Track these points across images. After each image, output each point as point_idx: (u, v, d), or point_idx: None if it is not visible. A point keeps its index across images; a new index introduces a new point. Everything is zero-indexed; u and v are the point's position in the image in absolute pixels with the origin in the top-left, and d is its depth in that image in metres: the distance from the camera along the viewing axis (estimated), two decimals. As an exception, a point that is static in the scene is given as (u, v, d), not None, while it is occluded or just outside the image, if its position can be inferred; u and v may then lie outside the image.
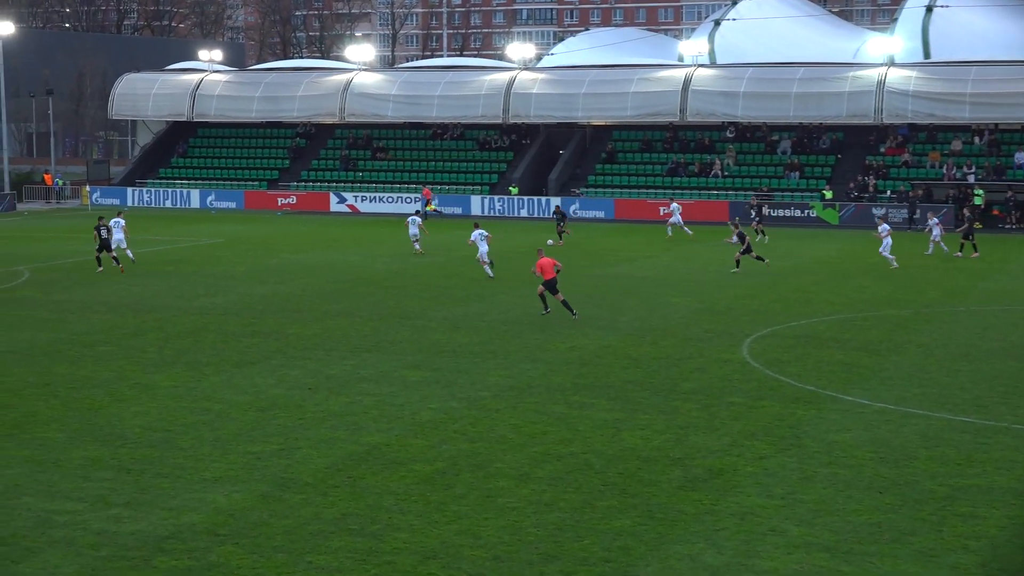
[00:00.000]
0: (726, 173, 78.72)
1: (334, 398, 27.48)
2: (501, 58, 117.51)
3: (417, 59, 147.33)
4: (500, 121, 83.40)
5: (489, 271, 47.13)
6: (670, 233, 64.05)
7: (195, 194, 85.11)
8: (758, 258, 49.34)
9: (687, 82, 78.91)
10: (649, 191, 78.33)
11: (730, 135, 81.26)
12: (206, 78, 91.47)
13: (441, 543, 18.27)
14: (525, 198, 78.72)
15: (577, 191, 79.56)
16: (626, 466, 22.11)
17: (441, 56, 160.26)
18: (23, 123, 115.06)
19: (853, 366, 30.99)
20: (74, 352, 32.73)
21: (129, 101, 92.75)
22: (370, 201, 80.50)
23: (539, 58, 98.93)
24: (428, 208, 76.44)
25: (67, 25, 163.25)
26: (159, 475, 21.58)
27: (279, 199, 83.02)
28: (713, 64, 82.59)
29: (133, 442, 23.73)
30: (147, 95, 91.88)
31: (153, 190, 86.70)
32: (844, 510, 19.67)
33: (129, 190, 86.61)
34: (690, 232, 63.64)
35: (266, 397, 27.56)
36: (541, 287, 38.13)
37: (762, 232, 61.33)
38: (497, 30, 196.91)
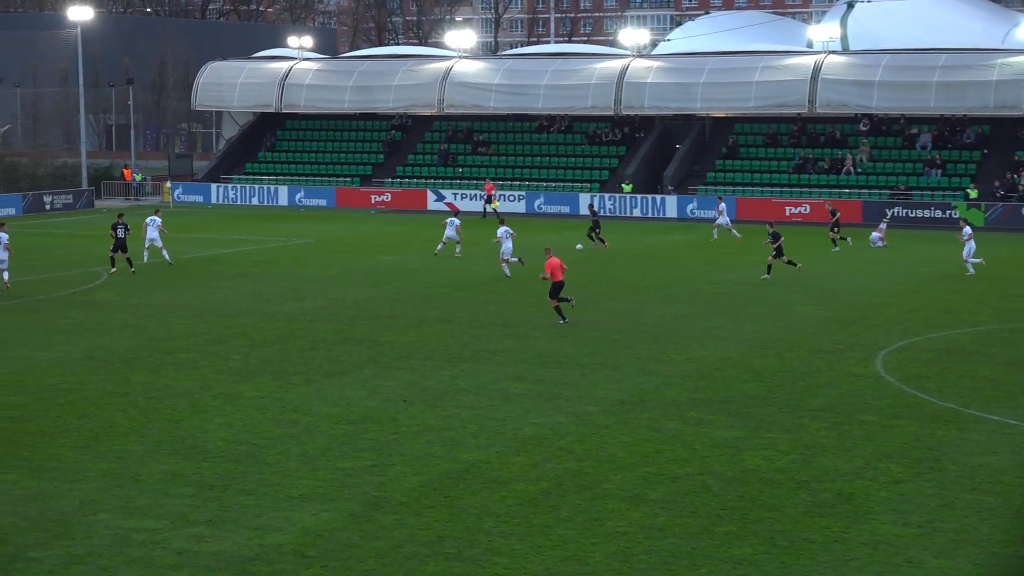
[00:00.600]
0: (859, 170, 77.90)
1: (430, 411, 27.64)
2: (613, 44, 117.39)
3: (522, 45, 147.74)
4: (611, 113, 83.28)
5: (506, 270, 48.69)
6: (716, 235, 63.22)
7: (283, 191, 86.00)
8: (790, 262, 48.55)
9: (817, 70, 78.24)
10: (774, 189, 77.81)
11: (864, 128, 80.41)
12: (295, 66, 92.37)
13: (544, 569, 18.30)
14: (639, 196, 78.55)
15: (694, 189, 79.24)
16: (747, 489, 21.99)
17: (548, 42, 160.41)
18: (102, 115, 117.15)
19: (999, 382, 30.54)
20: (154, 359, 33.26)
21: (214, 91, 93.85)
22: (470, 199, 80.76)
23: (654, 44, 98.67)
24: (492, 206, 76.61)
25: (148, 10, 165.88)
26: (243, 492, 21.86)
27: (372, 196, 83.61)
28: (845, 51, 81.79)
29: (216, 456, 24.06)
30: (233, 84, 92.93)
31: (238, 186, 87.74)
32: (989, 541, 19.40)
33: (213, 186, 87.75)
34: (738, 235, 62.71)
35: (357, 409, 27.79)
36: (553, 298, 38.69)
37: (843, 238, 60.67)
38: (609, 14, 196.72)
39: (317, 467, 23.33)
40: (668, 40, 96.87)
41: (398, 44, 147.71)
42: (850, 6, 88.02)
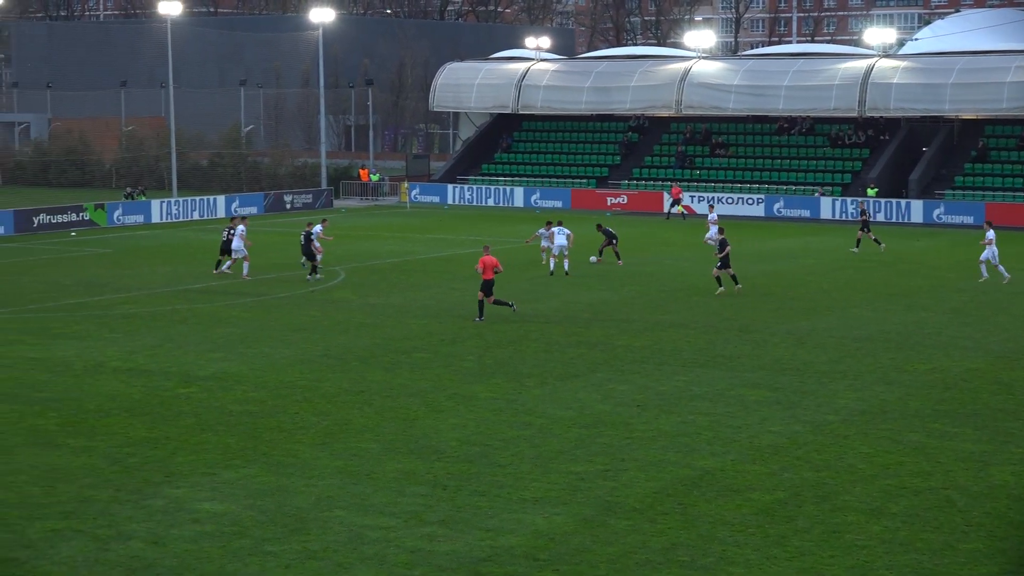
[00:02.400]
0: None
1: (664, 417, 27.59)
2: (857, 44, 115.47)
3: (763, 45, 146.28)
4: (855, 114, 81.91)
5: (552, 265, 49.83)
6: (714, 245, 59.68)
7: (519, 192, 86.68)
8: (733, 277, 45.70)
9: (1074, 70, 75.67)
10: (1026, 194, 75.56)
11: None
12: (533, 67, 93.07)
13: (780, 581, 18.12)
14: (882, 200, 77.02)
15: (941, 193, 77.40)
16: (994, 505, 21.42)
17: (790, 42, 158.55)
18: (342, 115, 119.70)
19: None
20: (390, 359, 33.89)
21: (451, 92, 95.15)
22: (707, 202, 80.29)
23: (901, 44, 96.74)
24: (678, 209, 75.89)
25: (388, 12, 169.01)
26: (476, 492, 22.12)
27: (608, 198, 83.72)
28: (1106, 48, 78.96)
29: (449, 456, 24.40)
30: (470, 85, 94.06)
31: (474, 187, 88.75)
32: None
33: (449, 187, 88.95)
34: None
35: (591, 413, 27.90)
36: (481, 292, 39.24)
37: (876, 240, 58.73)
38: (854, 13, 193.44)
39: (550, 470, 23.48)
40: (916, 39, 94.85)
41: (636, 44, 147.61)
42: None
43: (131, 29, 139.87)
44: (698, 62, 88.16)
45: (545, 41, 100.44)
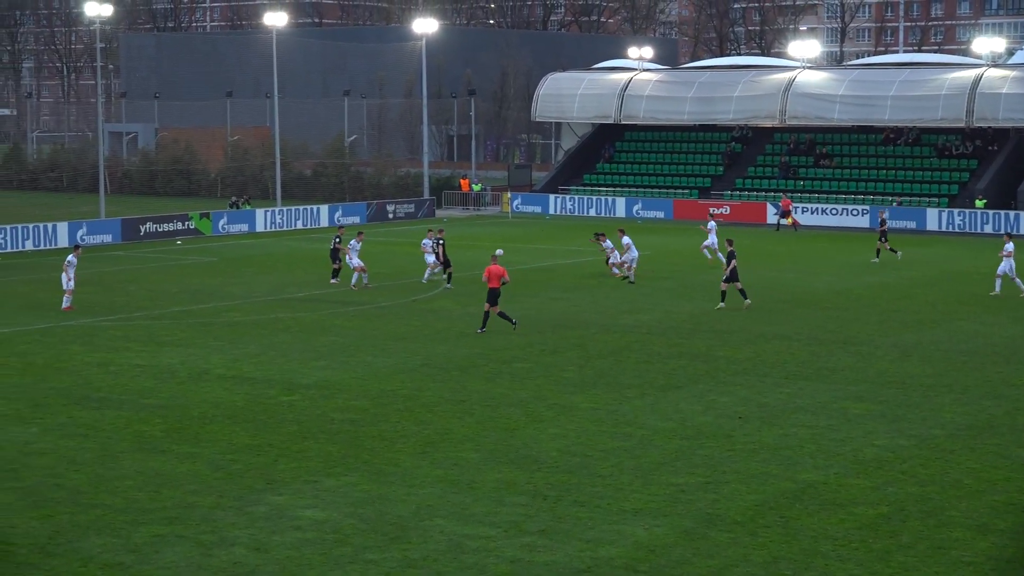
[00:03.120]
0: None
1: (766, 429, 27.41)
2: (965, 53, 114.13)
3: (868, 55, 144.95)
4: (962, 125, 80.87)
5: (628, 274, 50.05)
6: (709, 256, 58.06)
7: (620, 202, 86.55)
8: (741, 291, 44.43)
9: None
10: None
11: None
12: (635, 77, 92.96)
13: (884, 597, 17.92)
14: (990, 212, 75.97)
15: (1052, 205, 76.22)
16: (1104, 523, 21.05)
17: (896, 52, 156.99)
18: (444, 125, 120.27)
19: None
20: (491, 368, 33.97)
21: (553, 102, 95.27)
22: (811, 213, 79.67)
23: (1010, 53, 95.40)
24: (786, 221, 75.22)
25: (491, 22, 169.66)
26: (576, 503, 22.11)
27: (711, 209, 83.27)
28: None
29: (549, 466, 24.41)
30: (572, 95, 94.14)
31: (576, 197, 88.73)
32: None
33: (551, 197, 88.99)
34: (711, 257, 57.62)
35: (692, 425, 27.79)
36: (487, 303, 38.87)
37: (892, 250, 58.33)
38: (961, 22, 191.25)
39: (650, 481, 23.41)
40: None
41: (740, 54, 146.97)
42: None
43: (237, 40, 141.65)
44: (803, 72, 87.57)
45: (648, 51, 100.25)
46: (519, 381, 32.37)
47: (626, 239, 51.27)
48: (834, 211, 79.68)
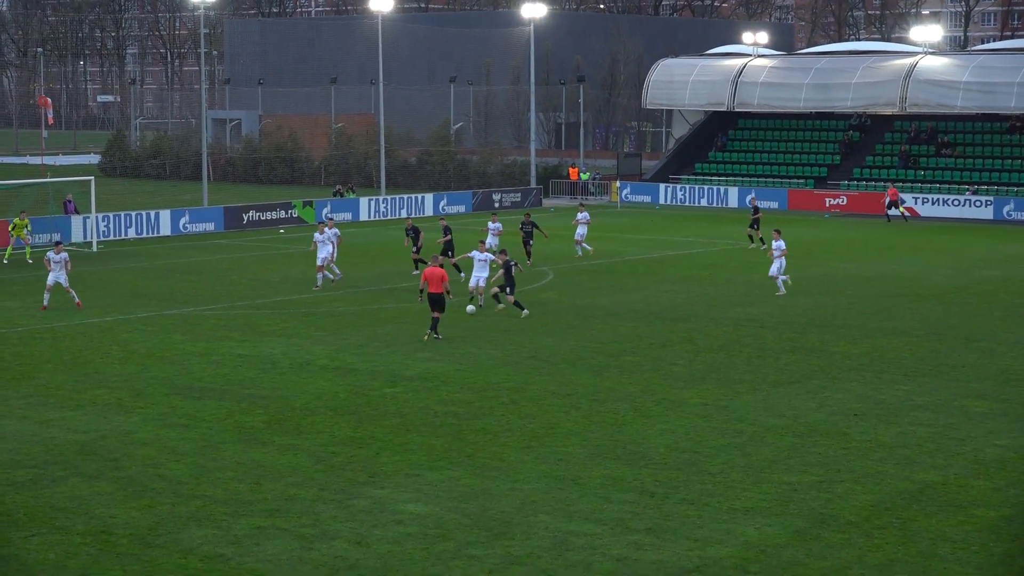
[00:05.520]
0: None
1: (883, 427, 27.13)
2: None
3: (994, 40, 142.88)
4: (1093, 112, 79.51)
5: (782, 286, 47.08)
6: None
7: (733, 192, 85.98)
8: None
9: None
10: None
11: None
12: (750, 63, 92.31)
13: (1005, 603, 17.68)
14: (1121, 204, 74.58)
15: None
16: None
17: (1023, 36, 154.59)
18: (552, 112, 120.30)
19: None
20: (598, 361, 33.93)
21: (664, 89, 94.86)
22: (932, 204, 78.68)
23: None
24: (897, 211, 74.32)
25: (601, 7, 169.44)
26: (684, 501, 22.03)
27: (827, 199, 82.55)
28: None
29: (657, 463, 24.34)
30: (684, 82, 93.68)
31: (687, 187, 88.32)
32: None
33: (661, 186, 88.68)
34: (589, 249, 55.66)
35: (805, 422, 27.57)
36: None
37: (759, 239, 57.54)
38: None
39: (761, 480, 23.27)
40: None
41: (859, 40, 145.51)
42: None
43: (342, 26, 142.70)
44: (924, 58, 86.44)
45: (763, 36, 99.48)
46: (627, 375, 32.30)
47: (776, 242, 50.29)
48: (955, 202, 78.59)
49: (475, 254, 41.49)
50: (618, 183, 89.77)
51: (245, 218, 70.39)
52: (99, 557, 19.58)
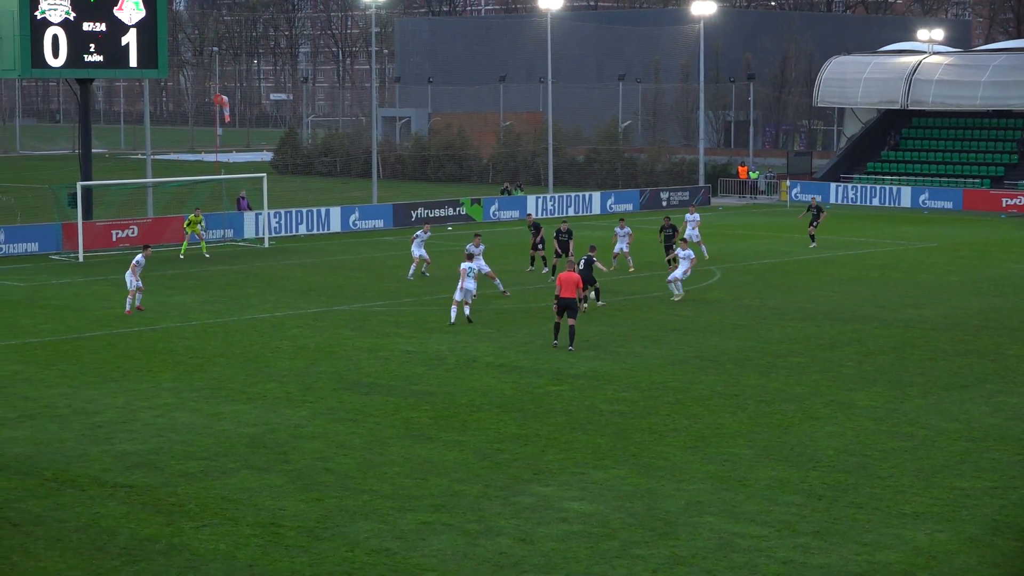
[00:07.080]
0: None
1: (1060, 433, 26.53)
2: None
3: None
4: None
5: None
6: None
7: (906, 192, 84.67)
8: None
9: None
10: None
11: None
12: (924, 60, 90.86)
13: None
14: None
15: None
16: None
17: None
18: (721, 111, 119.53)
19: None
20: (765, 362, 33.66)
21: (836, 87, 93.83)
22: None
23: None
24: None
25: (772, 4, 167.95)
26: (853, 504, 21.77)
27: (1004, 200, 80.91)
28: None
29: (825, 465, 24.08)
30: (857, 80, 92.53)
31: (859, 186, 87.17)
32: None
33: (832, 185, 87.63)
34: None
35: (979, 426, 27.07)
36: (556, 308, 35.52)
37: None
38: None
39: (933, 484, 22.89)
40: None
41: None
42: None
43: (511, 24, 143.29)
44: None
45: (938, 33, 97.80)
46: (795, 376, 32.00)
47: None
48: None
49: (465, 266, 39.66)
50: (788, 182, 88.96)
51: (413, 215, 71.02)
52: (268, 548, 19.93)
